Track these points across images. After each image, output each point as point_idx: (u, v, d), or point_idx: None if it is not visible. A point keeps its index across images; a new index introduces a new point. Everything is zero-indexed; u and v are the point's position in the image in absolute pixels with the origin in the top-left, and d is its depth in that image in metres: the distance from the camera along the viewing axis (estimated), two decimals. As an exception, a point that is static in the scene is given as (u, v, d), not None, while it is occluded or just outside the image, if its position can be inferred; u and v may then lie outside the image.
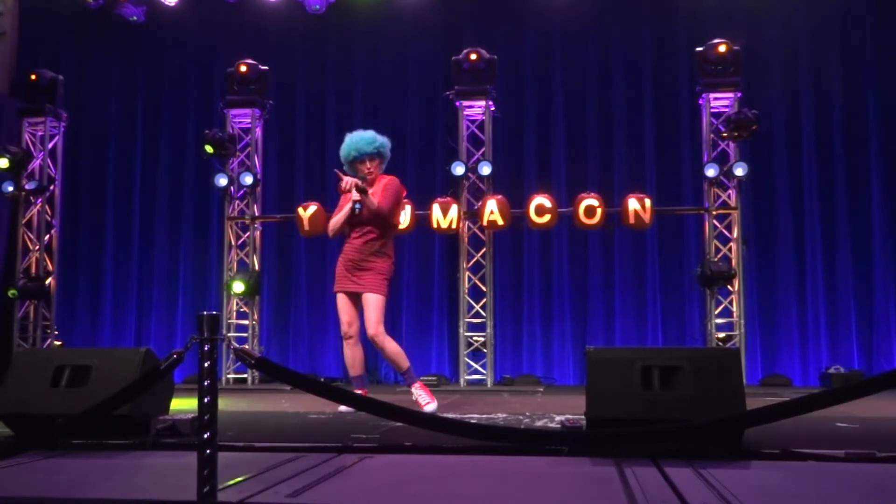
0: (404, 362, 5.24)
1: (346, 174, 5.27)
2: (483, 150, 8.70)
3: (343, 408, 4.84)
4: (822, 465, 3.03)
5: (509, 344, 9.31)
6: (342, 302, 5.28)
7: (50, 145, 9.45)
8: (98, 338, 9.89)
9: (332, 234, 5.45)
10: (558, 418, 4.43)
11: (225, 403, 2.81)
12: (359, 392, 5.13)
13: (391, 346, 5.23)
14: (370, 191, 5.22)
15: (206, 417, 2.42)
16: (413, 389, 5.24)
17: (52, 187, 9.51)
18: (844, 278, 8.91)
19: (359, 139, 5.29)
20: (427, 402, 5.17)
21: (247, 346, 8.67)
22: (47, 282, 9.30)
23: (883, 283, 8.83)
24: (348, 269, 5.24)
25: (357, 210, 5.14)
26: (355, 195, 5.14)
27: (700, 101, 8.65)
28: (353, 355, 5.30)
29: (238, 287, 8.80)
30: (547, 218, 8.38)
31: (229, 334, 8.89)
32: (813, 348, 8.93)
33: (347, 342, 5.30)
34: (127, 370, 3.57)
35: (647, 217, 8.21)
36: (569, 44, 9.61)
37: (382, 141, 5.36)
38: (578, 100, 9.53)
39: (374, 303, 5.17)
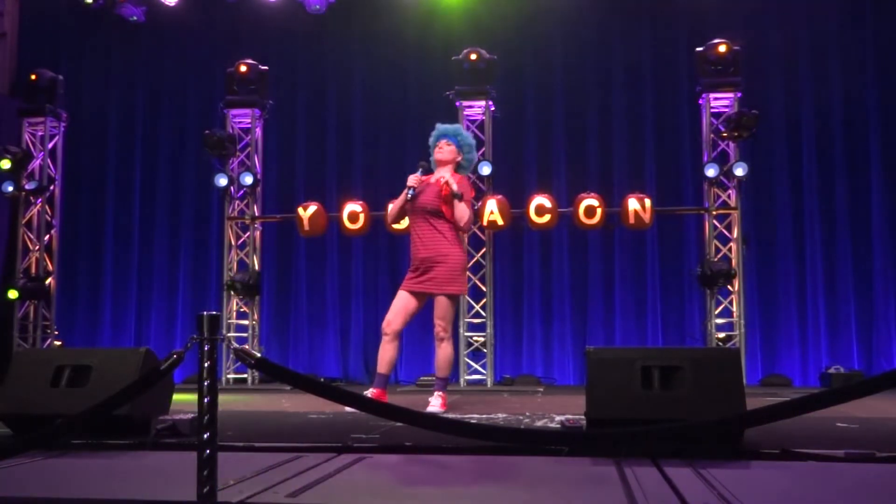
0: (448, 371, 5.25)
1: (428, 169, 5.32)
2: (483, 150, 8.70)
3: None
4: (822, 465, 3.03)
5: (509, 344, 9.31)
6: (399, 299, 5.24)
7: (50, 145, 9.45)
8: (98, 338, 9.89)
9: (390, 221, 5.55)
10: (558, 418, 4.43)
11: (225, 403, 2.81)
12: (376, 391, 5.12)
13: (444, 351, 5.20)
14: (442, 177, 5.25)
15: (206, 417, 2.42)
16: (435, 394, 5.22)
17: (52, 187, 9.51)
18: (844, 278, 8.91)
19: (447, 125, 5.41)
20: (434, 405, 5.14)
21: (247, 346, 8.67)
22: (47, 282, 9.30)
23: (883, 283, 8.83)
24: (416, 268, 5.20)
25: (410, 196, 5.15)
26: (411, 181, 5.18)
27: (700, 101, 8.65)
28: (383, 352, 5.21)
29: (238, 287, 8.80)
30: (547, 218, 8.38)
31: (229, 334, 8.89)
32: (813, 348, 8.92)
33: (384, 338, 5.23)
34: (127, 370, 3.57)
35: (647, 217, 8.21)
36: (569, 44, 9.60)
37: (467, 136, 5.41)
38: (578, 100, 9.52)
39: (444, 303, 5.15)
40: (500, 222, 8.35)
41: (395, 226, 6.91)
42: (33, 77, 9.29)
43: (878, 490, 2.67)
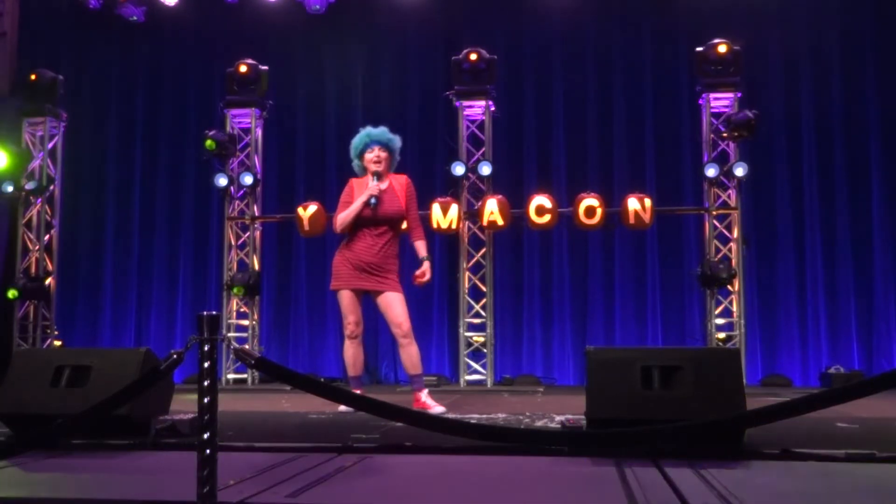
0: (420, 367, 5.28)
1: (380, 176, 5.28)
2: (483, 150, 8.70)
3: (343, 408, 4.85)
4: (822, 465, 3.03)
5: (509, 344, 9.31)
6: (350, 300, 5.22)
7: (50, 145, 9.45)
8: (98, 338, 9.89)
9: (340, 229, 5.32)
10: (558, 418, 4.43)
11: (225, 403, 2.81)
12: (357, 392, 5.15)
13: (416, 348, 5.26)
14: (382, 186, 5.23)
15: (206, 417, 2.42)
16: (423, 392, 5.25)
17: (52, 187, 9.50)
18: (844, 278, 8.91)
19: (370, 130, 5.38)
20: (434, 405, 5.19)
21: (247, 346, 8.66)
22: (47, 282, 9.30)
23: (883, 283, 8.83)
24: (361, 269, 5.19)
25: (372, 204, 5.15)
26: (372, 182, 5.18)
27: (700, 101, 8.64)
28: (356, 355, 5.30)
29: (238, 287, 8.80)
30: (547, 218, 8.38)
31: (229, 334, 8.89)
32: (813, 348, 8.92)
33: (353, 342, 5.27)
34: (127, 370, 3.57)
35: (647, 217, 8.21)
36: (569, 44, 9.60)
37: (395, 137, 5.43)
38: (578, 100, 9.52)
39: (401, 301, 5.21)
40: (500, 222, 8.36)
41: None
42: (33, 77, 9.27)
43: (878, 490, 2.67)
